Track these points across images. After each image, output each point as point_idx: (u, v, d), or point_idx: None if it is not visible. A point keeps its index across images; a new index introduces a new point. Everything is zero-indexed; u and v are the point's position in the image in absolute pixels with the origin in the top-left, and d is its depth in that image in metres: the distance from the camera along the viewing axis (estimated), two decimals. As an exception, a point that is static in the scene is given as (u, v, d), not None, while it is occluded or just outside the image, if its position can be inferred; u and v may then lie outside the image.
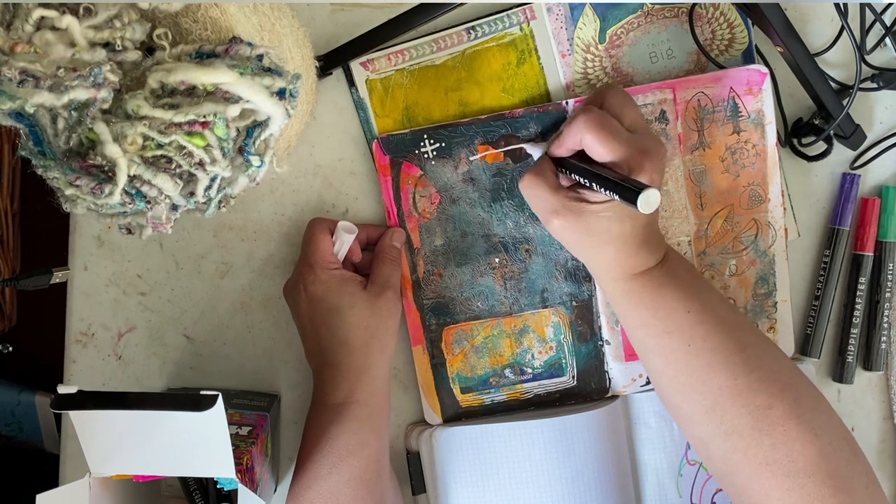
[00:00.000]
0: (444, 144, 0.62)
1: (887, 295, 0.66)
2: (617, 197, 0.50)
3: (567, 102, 0.61)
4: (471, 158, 0.62)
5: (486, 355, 0.64)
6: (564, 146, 0.57)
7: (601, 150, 0.53)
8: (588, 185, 0.54)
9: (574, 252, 0.59)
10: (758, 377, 0.52)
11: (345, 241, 0.60)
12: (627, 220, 0.54)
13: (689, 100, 0.62)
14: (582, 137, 0.54)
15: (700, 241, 0.64)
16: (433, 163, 0.63)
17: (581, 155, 0.57)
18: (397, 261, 0.62)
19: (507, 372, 0.65)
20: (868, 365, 0.67)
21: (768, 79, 0.62)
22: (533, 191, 0.58)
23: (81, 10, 0.48)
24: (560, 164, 0.59)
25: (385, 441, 0.59)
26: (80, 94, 0.46)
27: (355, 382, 0.57)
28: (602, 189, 0.52)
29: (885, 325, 0.66)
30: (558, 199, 0.56)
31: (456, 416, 0.65)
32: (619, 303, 0.57)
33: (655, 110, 0.62)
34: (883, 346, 0.67)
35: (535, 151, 0.62)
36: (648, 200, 0.48)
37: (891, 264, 0.66)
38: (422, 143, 0.62)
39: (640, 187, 0.48)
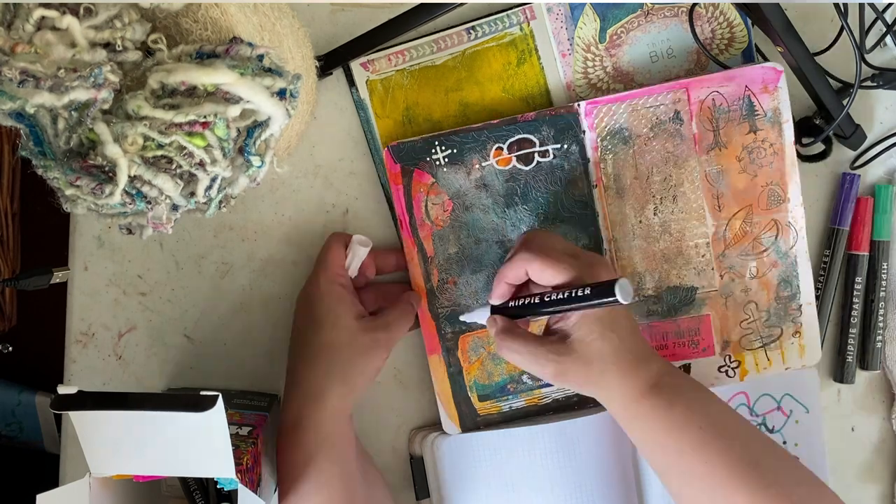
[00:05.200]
0: (455, 151, 0.62)
1: (881, 294, 0.66)
2: (592, 306, 0.51)
3: (578, 105, 0.61)
4: (484, 164, 0.62)
5: (502, 362, 0.64)
6: (504, 282, 0.57)
7: (552, 273, 0.54)
8: (559, 310, 0.54)
9: (584, 391, 0.56)
10: (775, 493, 0.51)
11: (357, 255, 0.60)
12: (611, 333, 0.54)
13: (704, 99, 0.61)
14: (528, 268, 0.54)
15: (719, 244, 0.63)
16: (445, 169, 0.62)
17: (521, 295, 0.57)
18: (410, 316, 0.61)
19: (525, 377, 0.64)
20: (864, 364, 0.67)
21: (784, 76, 0.61)
22: (518, 353, 0.55)
23: (82, 11, 0.48)
24: (515, 314, 0.58)
25: (350, 468, 0.56)
26: (81, 95, 0.46)
27: (304, 406, 0.55)
28: (572, 308, 0.52)
29: (881, 325, 0.66)
30: (544, 348, 0.54)
31: (475, 425, 0.64)
32: (633, 428, 0.56)
33: (669, 111, 0.62)
34: (878, 345, 0.67)
35: (479, 317, 0.61)
36: (625, 289, 0.49)
37: (884, 263, 0.66)
38: (433, 150, 0.62)
39: (610, 283, 0.49)
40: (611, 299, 0.49)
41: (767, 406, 0.66)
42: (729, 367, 0.64)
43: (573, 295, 0.52)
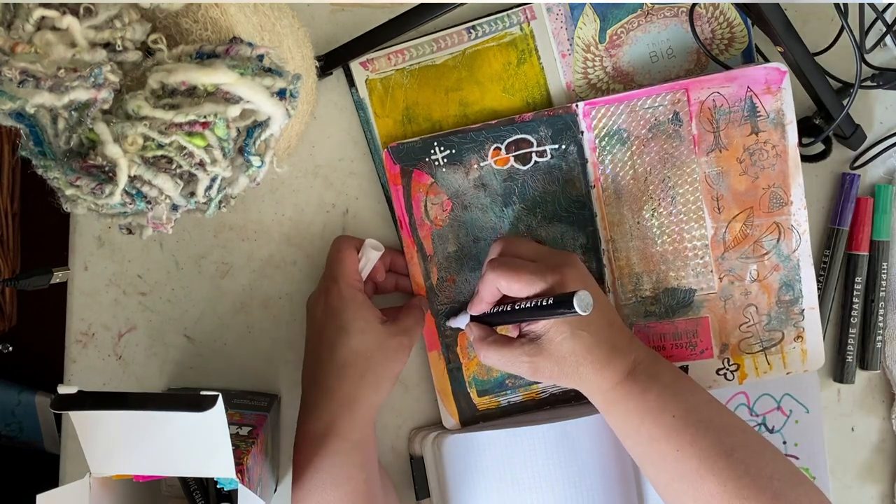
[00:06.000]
0: (454, 151, 0.62)
1: (881, 294, 0.66)
2: (555, 316, 0.53)
3: (577, 105, 0.61)
4: (482, 164, 0.62)
5: None
6: (484, 301, 0.58)
7: (520, 286, 0.55)
8: (529, 319, 0.56)
9: (562, 383, 0.58)
10: (747, 483, 0.51)
11: (370, 259, 0.60)
12: (581, 331, 0.55)
13: (704, 100, 0.61)
14: (498, 286, 0.56)
15: (718, 246, 0.63)
16: (444, 170, 0.62)
17: (504, 303, 0.58)
18: (423, 321, 0.63)
19: None
20: (864, 364, 0.67)
21: (788, 77, 0.60)
22: (494, 358, 0.58)
23: (82, 11, 0.48)
24: (491, 322, 0.60)
25: (373, 472, 0.58)
26: (81, 95, 0.46)
27: (337, 413, 0.56)
28: (538, 318, 0.54)
29: (881, 325, 0.66)
30: (516, 350, 0.56)
31: (473, 419, 0.65)
32: (609, 414, 0.57)
33: (668, 111, 0.61)
34: (878, 345, 0.67)
35: (461, 322, 0.62)
36: (584, 302, 0.49)
37: (884, 263, 0.66)
38: (432, 151, 0.62)
39: (569, 296, 0.50)
40: (570, 311, 0.50)
41: (767, 406, 0.66)
42: (727, 370, 0.64)
43: (538, 305, 0.53)
